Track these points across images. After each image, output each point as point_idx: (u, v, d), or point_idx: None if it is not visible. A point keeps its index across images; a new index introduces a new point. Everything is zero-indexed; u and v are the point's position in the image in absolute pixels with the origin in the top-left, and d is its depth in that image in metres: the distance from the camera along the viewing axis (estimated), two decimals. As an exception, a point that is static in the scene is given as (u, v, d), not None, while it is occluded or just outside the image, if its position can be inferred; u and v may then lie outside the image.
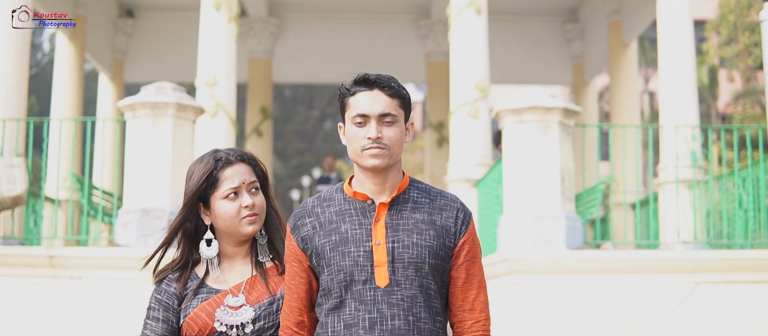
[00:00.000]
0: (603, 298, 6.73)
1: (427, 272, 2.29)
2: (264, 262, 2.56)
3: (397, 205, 2.33)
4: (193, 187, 2.51)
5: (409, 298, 2.27)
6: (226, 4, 9.52)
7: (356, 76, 2.34)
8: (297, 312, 2.39)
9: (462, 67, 9.41)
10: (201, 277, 2.54)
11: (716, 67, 27.00)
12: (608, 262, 6.85)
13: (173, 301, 2.51)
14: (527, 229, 6.84)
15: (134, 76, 14.36)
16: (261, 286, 2.51)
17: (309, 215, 2.38)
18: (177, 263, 2.57)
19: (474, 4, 9.46)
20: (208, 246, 2.54)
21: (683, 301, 6.72)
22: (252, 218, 2.50)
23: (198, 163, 2.55)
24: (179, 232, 2.56)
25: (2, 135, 7.71)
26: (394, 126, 2.30)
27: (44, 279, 7.03)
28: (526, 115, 6.92)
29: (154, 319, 2.50)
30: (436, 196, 2.39)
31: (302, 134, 31.61)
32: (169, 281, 2.54)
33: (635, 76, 12.74)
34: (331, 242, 2.32)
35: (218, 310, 2.46)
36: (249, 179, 2.52)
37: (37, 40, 28.77)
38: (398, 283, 2.27)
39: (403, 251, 2.28)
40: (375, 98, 2.30)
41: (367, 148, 2.27)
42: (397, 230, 2.30)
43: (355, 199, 2.35)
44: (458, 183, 9.07)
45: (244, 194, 2.51)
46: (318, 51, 14.20)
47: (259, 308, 2.47)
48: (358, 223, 2.32)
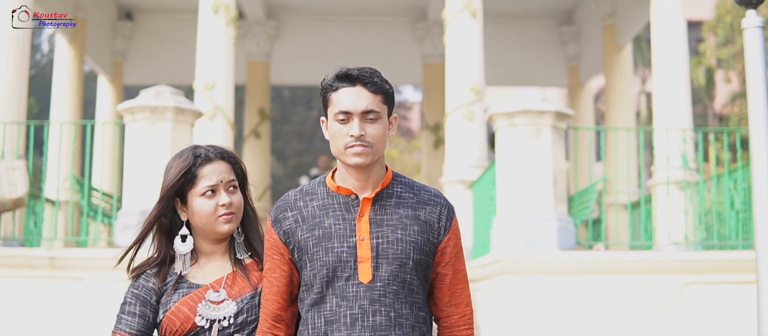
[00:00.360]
0: (594, 298, 6.84)
1: (411, 268, 2.28)
2: (243, 259, 2.53)
3: (381, 200, 2.31)
4: (170, 183, 2.48)
5: (391, 293, 2.26)
6: (224, 8, 9.62)
7: (338, 70, 2.30)
8: (276, 305, 2.36)
9: (457, 70, 9.51)
10: (179, 272, 2.49)
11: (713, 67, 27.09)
12: (599, 263, 6.96)
13: (151, 297, 2.46)
14: (520, 230, 6.95)
15: (133, 78, 14.47)
16: (242, 281, 2.47)
17: (291, 208, 2.35)
18: (154, 259, 2.52)
19: (469, 8, 9.57)
20: (183, 242, 2.50)
21: (673, 302, 6.83)
22: (228, 217, 2.47)
23: (177, 158, 2.51)
24: (154, 227, 2.51)
25: (3, 138, 7.81)
26: (377, 123, 2.26)
27: (45, 280, 7.13)
28: (518, 118, 7.03)
29: (130, 313, 2.45)
30: (419, 190, 2.37)
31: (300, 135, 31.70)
32: (147, 277, 2.49)
33: (630, 78, 12.86)
34: (314, 237, 2.29)
35: (200, 305, 2.41)
36: (227, 177, 2.49)
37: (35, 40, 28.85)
38: (381, 279, 2.25)
39: (388, 247, 2.26)
40: (358, 95, 2.26)
41: (350, 145, 2.24)
42: (381, 226, 2.28)
43: (338, 193, 2.32)
44: (454, 184, 9.18)
45: (222, 192, 2.47)
46: (316, 53, 14.29)
47: (242, 302, 2.44)
48: (341, 218, 2.29)
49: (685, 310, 6.83)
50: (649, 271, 6.95)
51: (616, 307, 6.82)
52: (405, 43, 14.24)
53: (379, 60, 14.09)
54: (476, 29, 9.57)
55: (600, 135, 15.79)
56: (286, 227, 2.33)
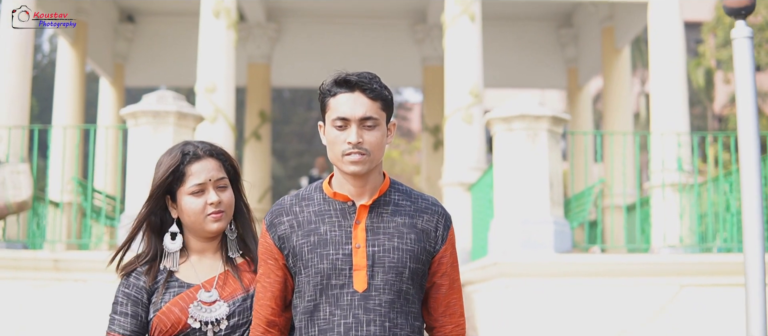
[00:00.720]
0: (590, 300, 6.93)
1: (408, 277, 2.24)
2: (234, 258, 2.49)
3: (378, 208, 2.27)
4: (158, 180, 2.44)
5: (386, 303, 2.22)
6: (225, 12, 9.71)
7: (337, 75, 2.24)
8: (269, 311, 2.31)
9: (456, 73, 9.60)
10: (170, 269, 2.45)
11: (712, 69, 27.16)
12: (595, 266, 7.06)
13: (142, 296, 2.41)
14: (517, 233, 7.04)
15: (134, 80, 14.57)
16: (234, 282, 2.44)
17: (287, 213, 2.31)
18: (144, 256, 2.47)
19: (468, 12, 9.66)
20: (173, 239, 2.47)
21: (668, 304, 6.92)
22: (217, 215, 2.43)
23: (167, 155, 2.48)
24: (144, 225, 2.48)
25: (8, 142, 7.91)
26: (375, 130, 2.22)
27: (50, 282, 7.23)
28: (515, 123, 7.12)
29: (123, 314, 2.40)
30: (416, 198, 2.33)
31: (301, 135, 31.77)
32: (138, 275, 2.44)
33: (628, 81, 12.95)
34: (309, 243, 2.24)
35: (191, 306, 2.38)
36: (216, 175, 2.45)
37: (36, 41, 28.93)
38: (376, 288, 2.22)
39: (384, 255, 2.23)
40: (356, 101, 2.21)
41: (347, 153, 2.20)
42: (378, 233, 2.24)
43: (335, 199, 2.28)
44: (452, 187, 9.27)
45: (211, 191, 2.43)
46: (316, 55, 14.38)
47: (234, 304, 2.40)
48: (337, 224, 2.25)
49: (680, 312, 6.93)
50: (644, 273, 7.04)
51: (612, 309, 6.91)
52: (405, 45, 14.33)
53: (378, 62, 14.19)
54: (475, 33, 9.66)
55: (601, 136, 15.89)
56: (281, 232, 2.29)
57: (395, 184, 2.35)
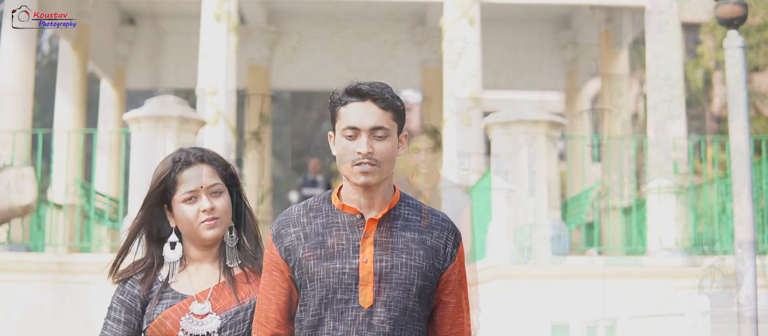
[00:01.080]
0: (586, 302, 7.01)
1: (415, 294, 2.17)
2: (232, 268, 2.43)
3: (387, 222, 2.20)
4: (150, 190, 2.43)
5: (392, 320, 2.16)
6: (226, 15, 9.79)
7: (348, 85, 2.20)
8: (274, 323, 2.24)
9: (455, 77, 9.67)
10: (165, 279, 2.41)
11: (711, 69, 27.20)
12: (591, 268, 7.14)
13: (136, 304, 2.39)
14: (514, 236, 7.13)
15: (136, 83, 14.62)
16: (229, 294, 2.38)
17: (294, 225, 2.23)
18: (141, 264, 2.44)
19: (467, 16, 9.73)
20: (172, 249, 2.43)
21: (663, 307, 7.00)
22: (211, 222, 2.38)
23: (161, 163, 2.46)
24: (138, 235, 2.45)
25: (12, 146, 7.99)
26: (386, 140, 2.17)
27: (53, 284, 7.31)
28: (513, 127, 7.21)
29: (116, 320, 2.39)
30: (427, 213, 2.26)
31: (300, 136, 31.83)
32: (133, 282, 2.41)
33: (626, 83, 13.02)
34: (315, 256, 2.18)
35: (183, 319, 2.34)
36: (209, 182, 2.40)
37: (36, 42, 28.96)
38: (383, 304, 2.15)
39: (392, 271, 2.16)
40: (367, 110, 2.16)
41: (357, 163, 2.14)
42: (386, 249, 2.17)
43: (343, 211, 2.21)
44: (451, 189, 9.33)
45: (203, 198, 2.38)
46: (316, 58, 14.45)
47: (226, 317, 2.35)
48: (345, 238, 2.18)
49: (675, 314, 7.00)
50: (640, 276, 7.13)
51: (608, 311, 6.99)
52: (404, 48, 14.38)
53: (378, 64, 14.24)
54: (474, 36, 9.73)
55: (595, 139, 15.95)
56: (288, 244, 2.22)
57: (405, 198, 2.28)
